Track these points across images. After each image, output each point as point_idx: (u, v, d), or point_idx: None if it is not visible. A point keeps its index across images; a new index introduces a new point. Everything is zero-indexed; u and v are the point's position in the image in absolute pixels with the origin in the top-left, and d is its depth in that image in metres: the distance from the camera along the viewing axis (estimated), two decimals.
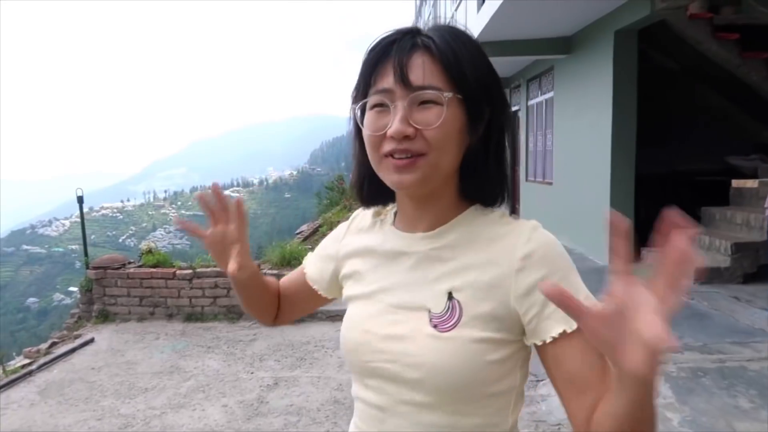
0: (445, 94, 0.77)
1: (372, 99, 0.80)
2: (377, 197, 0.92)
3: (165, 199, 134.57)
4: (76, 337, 5.52)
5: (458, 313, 0.79)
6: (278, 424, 3.50)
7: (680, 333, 4.05)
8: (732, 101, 8.10)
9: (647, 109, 6.85)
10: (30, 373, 4.59)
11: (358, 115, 0.83)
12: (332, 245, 1.02)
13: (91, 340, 5.37)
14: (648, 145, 7.03)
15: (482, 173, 0.84)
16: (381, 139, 0.79)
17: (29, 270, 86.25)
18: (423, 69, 0.77)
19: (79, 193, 6.99)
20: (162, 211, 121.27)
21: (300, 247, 6.53)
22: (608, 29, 6.66)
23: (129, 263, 6.32)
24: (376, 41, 0.81)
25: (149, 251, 6.36)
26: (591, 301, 0.79)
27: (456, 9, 11.46)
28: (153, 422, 3.61)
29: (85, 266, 6.33)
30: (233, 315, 5.76)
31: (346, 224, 1.02)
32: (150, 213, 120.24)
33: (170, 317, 5.92)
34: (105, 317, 6.01)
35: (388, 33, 0.81)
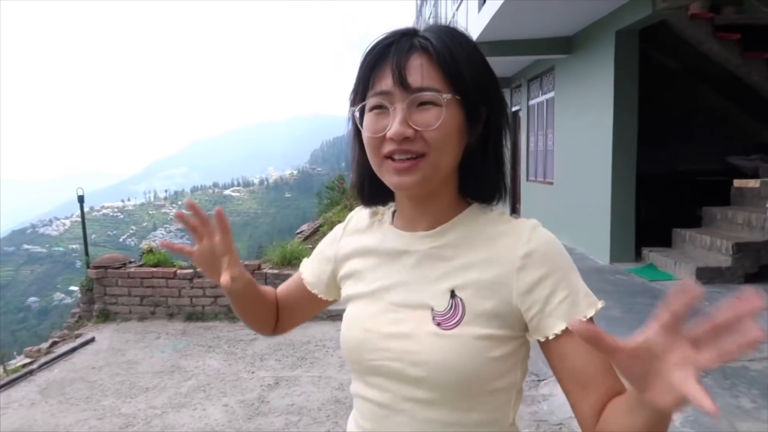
0: (444, 96, 0.77)
1: (371, 101, 0.80)
2: (378, 197, 0.93)
3: (165, 199, 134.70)
4: (77, 337, 5.52)
5: (461, 311, 0.80)
6: (279, 424, 3.50)
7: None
8: (733, 101, 8.10)
9: (648, 109, 6.85)
10: (31, 373, 4.60)
11: (357, 117, 0.84)
12: (329, 248, 1.02)
13: (92, 340, 5.37)
14: (649, 145, 7.02)
15: (481, 172, 0.84)
16: (381, 141, 0.79)
17: (30, 269, 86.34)
18: (421, 71, 0.77)
19: (80, 193, 6.99)
20: (162, 211, 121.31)
21: (301, 247, 6.53)
22: (609, 29, 6.66)
23: (130, 263, 6.33)
24: (374, 43, 0.81)
25: (150, 251, 6.36)
26: (597, 301, 0.80)
27: (457, 9, 11.46)
28: (154, 422, 3.61)
29: (86, 265, 6.34)
30: (234, 315, 5.74)
31: (342, 226, 1.02)
32: (150, 212, 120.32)
33: (171, 317, 5.93)
34: (106, 317, 6.01)
35: (386, 35, 0.81)
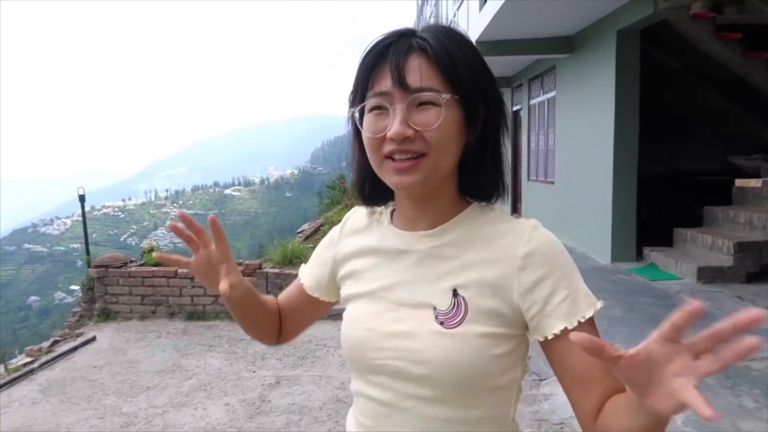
0: (443, 96, 0.78)
1: (370, 102, 0.81)
2: (378, 197, 0.93)
3: (166, 198, 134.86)
4: (78, 336, 5.52)
5: (464, 310, 0.80)
6: (280, 423, 3.50)
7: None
8: (734, 101, 8.09)
9: (649, 109, 6.84)
10: (32, 372, 4.60)
11: (357, 118, 0.84)
12: (327, 250, 1.02)
13: (93, 339, 5.38)
14: (650, 145, 7.02)
15: (480, 171, 0.85)
16: (381, 142, 0.80)
17: (31, 268, 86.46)
18: (420, 71, 0.78)
19: (81, 192, 6.99)
20: (163, 210, 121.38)
21: (302, 246, 6.52)
22: (611, 29, 6.64)
23: (131, 262, 6.33)
24: (372, 44, 0.82)
25: (151, 250, 6.36)
26: (596, 301, 0.80)
27: (458, 8, 11.45)
28: (155, 421, 3.61)
29: (87, 265, 6.34)
30: None
31: (339, 227, 1.02)
32: (151, 212, 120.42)
33: (172, 316, 5.93)
34: (107, 316, 6.01)
35: (384, 35, 0.82)
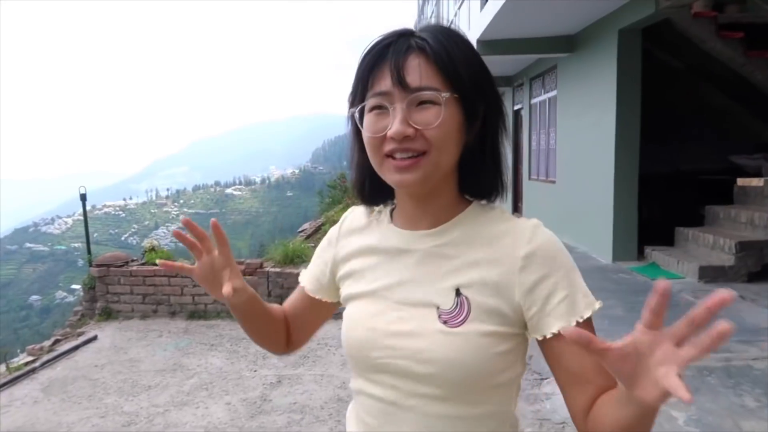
0: (443, 94, 0.78)
1: (370, 102, 0.81)
2: (378, 196, 0.94)
3: (167, 197, 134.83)
4: (80, 335, 5.52)
5: (467, 309, 0.81)
6: (281, 422, 3.50)
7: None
8: (736, 100, 8.07)
9: (651, 108, 6.83)
10: (33, 371, 4.60)
11: (357, 118, 0.84)
12: (326, 251, 1.02)
13: (94, 338, 5.38)
14: (651, 144, 7.01)
15: (480, 170, 0.86)
16: (381, 141, 0.81)
17: (32, 268, 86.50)
18: (419, 70, 0.78)
19: (82, 191, 7.00)
20: (164, 210, 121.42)
21: (303, 245, 6.52)
22: (612, 28, 6.64)
23: (132, 261, 6.33)
24: (371, 45, 0.82)
25: (152, 249, 6.36)
26: (594, 301, 0.82)
27: (459, 8, 11.44)
28: (156, 420, 3.61)
29: (89, 264, 6.34)
30: None
31: (337, 227, 1.02)
32: (152, 211, 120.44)
33: (173, 315, 5.93)
34: (108, 315, 6.02)
35: (383, 36, 0.83)
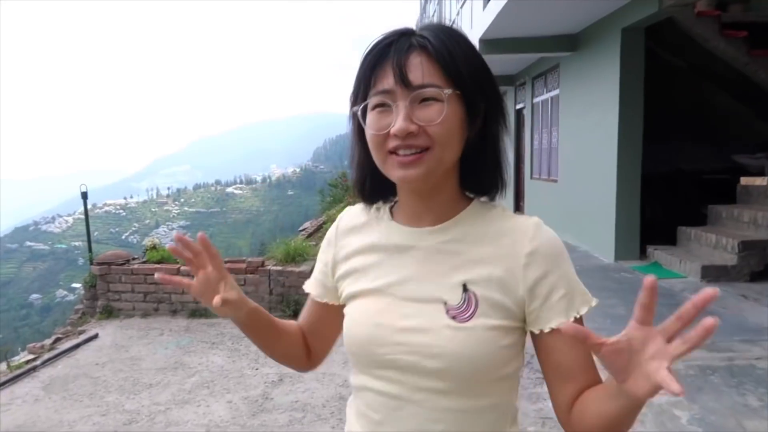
0: (445, 91, 0.80)
1: (373, 100, 0.82)
2: (379, 194, 0.94)
3: (168, 196, 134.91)
4: (80, 333, 5.52)
5: (474, 304, 0.83)
6: (283, 421, 3.49)
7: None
8: (739, 99, 8.06)
9: (654, 107, 6.81)
10: (34, 369, 4.60)
11: (360, 116, 0.85)
12: (326, 254, 1.02)
13: (95, 336, 5.37)
14: (654, 143, 6.99)
15: (481, 166, 0.88)
16: (385, 138, 0.82)
17: (32, 266, 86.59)
18: (421, 68, 0.80)
19: (83, 189, 6.99)
20: (165, 208, 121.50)
21: (304, 244, 6.51)
22: (615, 27, 6.62)
23: (133, 259, 6.33)
24: (373, 44, 0.84)
25: (153, 247, 6.35)
26: (591, 299, 0.86)
27: (461, 6, 11.43)
28: (158, 418, 3.61)
29: (90, 262, 6.34)
30: None
31: (334, 229, 1.02)
32: (153, 210, 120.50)
33: (174, 313, 5.92)
34: (109, 313, 6.01)
35: (384, 35, 0.84)
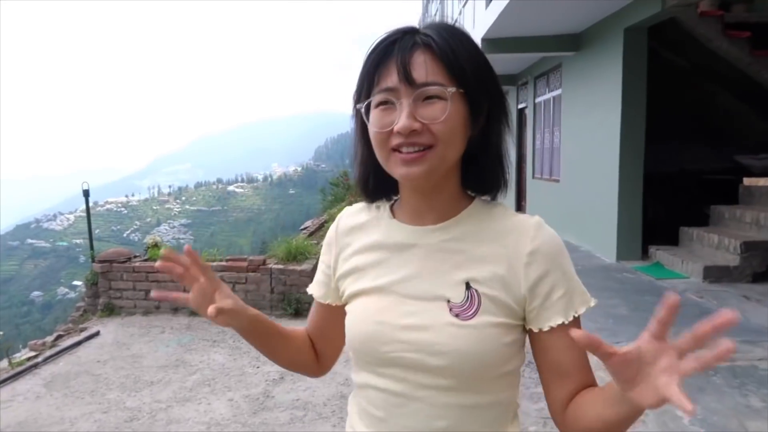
0: (449, 89, 0.80)
1: (377, 98, 0.82)
2: (381, 192, 0.95)
3: (169, 194, 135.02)
4: (82, 330, 5.52)
5: (477, 302, 0.83)
6: (284, 419, 3.49)
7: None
8: (742, 100, 8.04)
9: (656, 107, 6.79)
10: (36, 366, 4.60)
11: (364, 114, 0.86)
12: (327, 255, 1.02)
13: (97, 334, 5.38)
14: (656, 143, 6.97)
15: (483, 164, 0.88)
16: (388, 136, 0.82)
17: (34, 264, 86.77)
18: (425, 66, 0.80)
19: (85, 187, 7.00)
20: (166, 206, 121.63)
21: (306, 242, 6.51)
22: (618, 26, 6.61)
23: (135, 257, 6.33)
24: (377, 42, 0.84)
25: (155, 245, 6.36)
26: (590, 299, 0.86)
27: (464, 6, 11.42)
28: (159, 415, 3.61)
29: (91, 260, 6.34)
30: None
31: (334, 229, 1.02)
32: (154, 208, 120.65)
33: (176, 311, 5.92)
34: (110, 310, 6.01)
35: (388, 33, 0.84)
